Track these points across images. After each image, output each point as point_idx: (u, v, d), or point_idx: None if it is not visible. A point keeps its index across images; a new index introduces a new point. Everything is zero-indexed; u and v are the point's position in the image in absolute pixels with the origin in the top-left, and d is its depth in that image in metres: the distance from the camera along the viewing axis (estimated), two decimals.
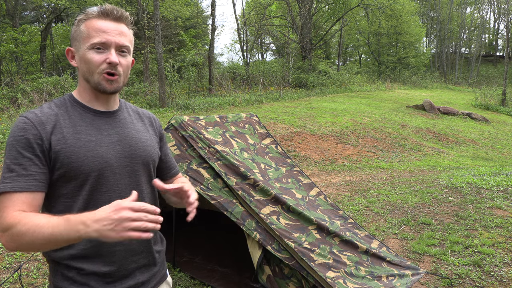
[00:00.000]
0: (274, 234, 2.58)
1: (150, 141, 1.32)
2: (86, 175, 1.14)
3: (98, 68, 1.16)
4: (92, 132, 1.18)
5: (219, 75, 19.73)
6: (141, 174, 1.26)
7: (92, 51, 1.15)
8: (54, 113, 1.16)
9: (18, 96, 12.09)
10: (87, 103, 1.22)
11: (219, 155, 2.88)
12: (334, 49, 35.63)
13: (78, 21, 1.19)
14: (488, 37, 45.36)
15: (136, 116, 1.35)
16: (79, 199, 1.14)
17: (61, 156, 1.11)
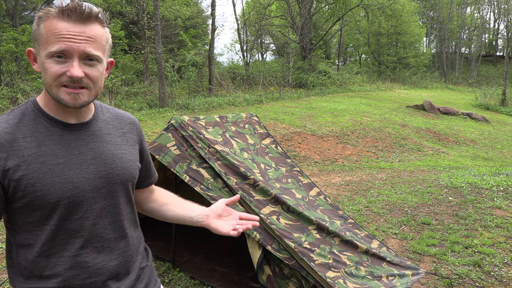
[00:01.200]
0: (274, 234, 2.58)
1: (129, 154, 1.14)
2: (54, 204, 0.97)
3: (56, 80, 0.95)
4: (60, 153, 0.99)
5: (219, 75, 19.74)
6: (119, 194, 1.10)
7: (51, 60, 0.94)
8: (11, 130, 0.96)
9: (18, 96, 12.09)
10: (55, 115, 1.02)
11: (219, 155, 2.88)
12: (334, 49, 35.64)
13: (38, 19, 0.96)
14: (488, 37, 45.36)
15: (115, 124, 1.16)
16: (46, 229, 0.99)
17: (23, 184, 0.94)
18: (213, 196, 2.72)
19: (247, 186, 2.79)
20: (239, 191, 2.72)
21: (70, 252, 1.01)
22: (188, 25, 25.08)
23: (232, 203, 1.27)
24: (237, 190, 2.72)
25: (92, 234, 1.04)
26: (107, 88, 12.73)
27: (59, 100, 0.97)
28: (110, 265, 1.06)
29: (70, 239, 1.01)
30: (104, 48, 1.01)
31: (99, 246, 1.05)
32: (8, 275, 1.06)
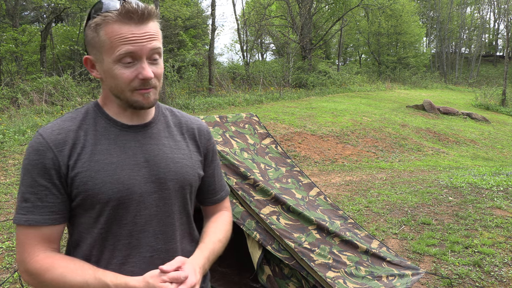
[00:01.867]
0: (274, 234, 2.58)
1: (187, 160, 1.08)
2: (103, 205, 0.97)
3: (129, 85, 0.96)
4: (113, 152, 0.99)
5: (219, 75, 19.74)
6: (172, 202, 1.04)
7: (120, 66, 0.94)
8: (75, 128, 0.99)
9: (18, 96, 12.09)
10: (114, 115, 1.03)
11: (219, 155, 2.88)
12: (334, 49, 35.63)
13: (96, 25, 0.95)
14: (488, 37, 45.37)
15: (176, 127, 1.11)
16: (94, 233, 0.99)
17: (77, 182, 0.95)
18: None
19: (247, 186, 2.79)
20: (239, 191, 2.72)
21: (118, 260, 0.99)
22: (188, 25, 25.08)
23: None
24: (237, 190, 2.72)
25: (140, 242, 1.00)
26: None
27: (133, 102, 0.98)
28: None
29: (118, 245, 0.99)
30: (161, 44, 1.01)
31: (148, 256, 1.01)
32: None
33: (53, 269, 0.92)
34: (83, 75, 16.38)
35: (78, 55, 19.46)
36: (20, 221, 0.94)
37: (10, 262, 3.51)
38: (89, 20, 0.97)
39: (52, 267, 0.92)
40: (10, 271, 3.35)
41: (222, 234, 1.18)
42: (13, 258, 3.61)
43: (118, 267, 0.99)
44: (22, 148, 7.63)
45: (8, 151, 7.39)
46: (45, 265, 0.92)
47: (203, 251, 1.07)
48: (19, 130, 8.58)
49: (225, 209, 1.29)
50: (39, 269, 0.92)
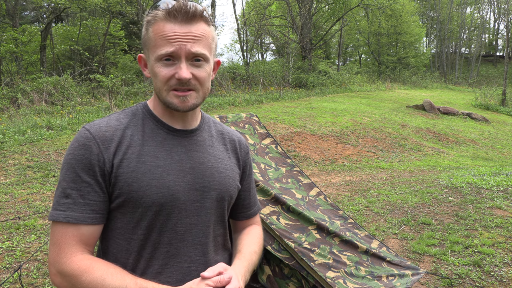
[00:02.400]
0: (274, 234, 2.58)
1: (230, 171, 1.07)
2: (145, 209, 0.93)
3: (166, 84, 0.94)
4: (160, 155, 0.96)
5: (219, 75, 19.74)
6: (212, 212, 1.02)
7: (160, 64, 0.93)
8: (122, 127, 0.96)
9: (18, 96, 12.10)
10: (162, 118, 1.01)
11: None
12: (334, 49, 35.64)
13: (147, 23, 0.95)
14: (488, 37, 45.38)
15: (218, 138, 1.11)
16: (132, 239, 0.95)
17: (121, 182, 0.92)
18: None
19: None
20: None
21: (154, 269, 0.96)
22: None
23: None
24: None
25: (179, 251, 0.97)
26: (107, 88, 12.73)
27: (168, 104, 0.96)
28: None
29: (156, 252, 0.96)
30: (210, 47, 0.97)
31: (185, 267, 0.98)
32: None
33: (92, 271, 0.87)
34: (83, 75, 16.39)
35: (78, 55, 19.47)
36: (58, 217, 0.89)
37: (10, 262, 3.51)
38: (144, 22, 0.97)
39: (91, 269, 0.87)
40: (10, 271, 3.35)
41: (257, 246, 1.15)
42: (13, 258, 3.61)
43: (154, 276, 0.95)
44: (22, 148, 7.63)
45: (8, 151, 7.39)
46: (83, 266, 0.87)
47: (242, 261, 1.04)
48: (19, 130, 8.58)
49: (257, 223, 1.26)
50: (77, 270, 0.87)
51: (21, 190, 5.68)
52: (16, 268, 3.28)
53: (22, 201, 5.25)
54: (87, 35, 20.60)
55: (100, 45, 19.72)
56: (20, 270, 3.22)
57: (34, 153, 7.38)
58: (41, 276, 3.28)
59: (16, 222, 4.42)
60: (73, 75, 15.93)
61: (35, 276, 3.26)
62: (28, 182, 6.07)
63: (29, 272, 3.33)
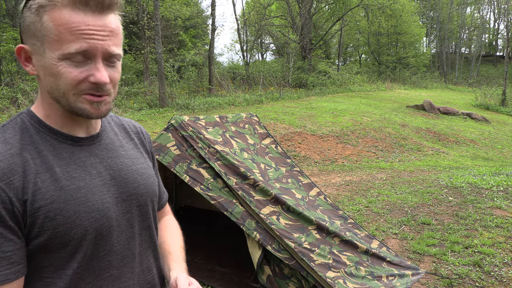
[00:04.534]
0: (274, 234, 2.58)
1: (148, 169, 0.96)
2: (78, 240, 0.78)
3: (75, 88, 0.76)
4: (76, 174, 0.80)
5: (219, 75, 19.74)
6: (144, 218, 0.92)
7: (66, 63, 0.74)
8: (17, 151, 0.76)
9: (18, 96, 12.10)
10: (61, 128, 0.82)
11: (219, 155, 2.88)
12: (334, 49, 35.65)
13: (39, 7, 0.73)
14: (488, 37, 45.38)
15: (123, 133, 0.97)
16: (67, 273, 0.79)
17: (40, 219, 0.75)
18: (213, 196, 2.72)
19: (247, 186, 2.79)
20: (239, 191, 2.72)
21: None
22: (188, 25, 25.09)
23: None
24: (237, 190, 2.72)
25: (121, 271, 0.86)
26: None
27: (78, 110, 0.78)
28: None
29: (98, 281, 0.83)
30: (121, 43, 0.81)
31: (130, 284, 0.89)
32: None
33: None
34: None
35: None
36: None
37: None
38: (28, 2, 0.76)
39: None
40: None
41: (181, 240, 1.10)
42: None
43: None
44: None
45: None
46: None
47: (179, 262, 0.99)
48: None
49: (169, 213, 1.18)
50: None
51: None
52: None
53: None
54: None
55: None
56: None
57: None
58: None
59: None
60: None
61: None
62: None
63: None
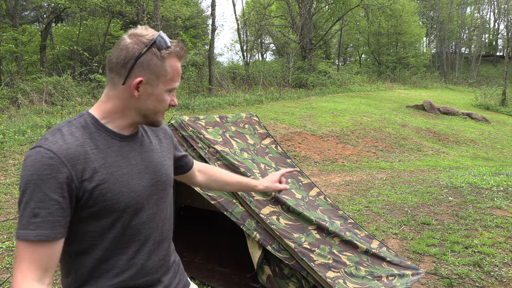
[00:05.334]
0: (274, 234, 2.58)
1: (169, 161, 1.26)
2: (120, 212, 1.06)
3: (164, 109, 1.13)
4: (122, 163, 1.08)
5: (219, 75, 19.74)
6: (164, 199, 1.21)
7: (167, 93, 1.09)
8: (80, 143, 1.02)
9: (18, 96, 12.09)
10: (114, 128, 1.10)
11: (219, 155, 2.88)
12: (334, 49, 35.63)
13: (164, 54, 1.05)
14: (488, 37, 45.38)
15: (150, 132, 1.25)
16: (108, 238, 1.06)
17: (95, 194, 1.01)
18: (213, 196, 2.72)
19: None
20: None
21: (128, 255, 1.10)
22: (188, 25, 25.08)
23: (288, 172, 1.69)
24: None
25: (146, 237, 1.14)
26: None
27: (155, 122, 1.13)
28: (159, 264, 1.19)
29: (129, 243, 1.10)
30: None
31: (151, 248, 1.16)
32: (63, 283, 1.11)
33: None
34: (83, 75, 16.38)
35: (78, 55, 19.46)
36: (29, 236, 0.93)
37: (10, 262, 3.51)
38: (154, 48, 1.05)
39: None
40: (10, 271, 3.35)
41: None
42: (13, 258, 3.61)
43: (127, 261, 1.10)
44: (22, 148, 7.63)
45: (8, 151, 7.39)
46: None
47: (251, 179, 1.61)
48: (19, 130, 8.58)
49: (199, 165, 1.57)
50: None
51: None
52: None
53: None
54: (87, 35, 20.59)
55: (100, 45, 19.71)
56: None
57: None
58: None
59: (16, 222, 4.42)
60: (73, 75, 15.92)
61: None
62: None
63: None
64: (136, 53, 1.03)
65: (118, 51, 1.05)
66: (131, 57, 1.03)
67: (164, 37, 1.06)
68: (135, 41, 1.04)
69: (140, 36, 1.05)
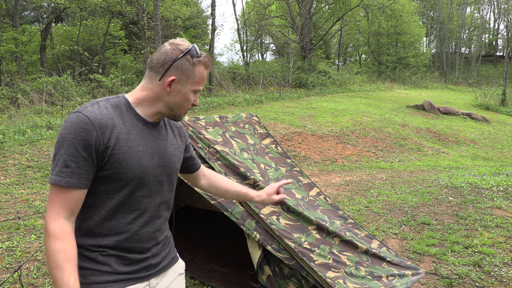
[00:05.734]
0: (274, 234, 2.58)
1: (178, 153, 1.47)
2: (128, 180, 1.26)
3: (187, 106, 1.35)
4: (140, 142, 1.30)
5: (219, 75, 19.73)
6: (168, 183, 1.41)
7: (192, 93, 1.32)
8: (111, 116, 1.25)
9: (18, 96, 12.09)
10: (140, 113, 1.33)
11: (219, 155, 2.88)
12: (334, 49, 35.63)
13: (196, 62, 1.30)
14: (488, 37, 45.37)
15: (168, 126, 1.47)
16: (115, 199, 1.27)
17: (113, 160, 1.22)
18: (213, 196, 2.72)
19: (247, 186, 2.79)
20: None
21: (127, 220, 1.30)
22: (188, 25, 25.07)
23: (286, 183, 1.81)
24: None
25: (145, 209, 1.34)
26: (107, 88, 12.73)
27: (177, 117, 1.36)
28: (151, 235, 1.37)
29: (130, 210, 1.30)
30: None
31: (147, 219, 1.35)
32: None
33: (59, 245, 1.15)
34: (83, 75, 16.38)
35: (78, 55, 19.47)
36: (60, 182, 1.16)
37: (10, 262, 3.51)
38: (188, 56, 1.29)
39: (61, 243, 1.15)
40: (10, 271, 3.35)
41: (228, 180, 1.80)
42: (13, 258, 3.61)
43: (125, 225, 1.30)
44: (22, 148, 7.63)
45: (8, 151, 7.39)
46: (61, 233, 1.16)
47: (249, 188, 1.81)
48: (19, 130, 8.58)
49: (205, 170, 1.78)
50: (56, 234, 1.15)
51: (21, 190, 5.68)
52: (16, 268, 3.28)
53: (22, 201, 5.25)
54: (87, 35, 20.58)
55: (100, 45, 19.71)
56: (20, 270, 3.22)
57: (34, 153, 7.38)
58: (41, 276, 3.28)
59: (16, 222, 4.42)
60: (73, 75, 15.92)
61: (35, 276, 3.26)
62: (28, 182, 6.07)
63: (29, 272, 3.33)
64: (173, 57, 1.27)
65: (159, 54, 1.29)
66: (169, 60, 1.27)
67: (197, 49, 1.31)
68: (174, 48, 1.28)
69: (178, 45, 1.29)
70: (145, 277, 1.36)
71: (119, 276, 1.29)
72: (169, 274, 1.46)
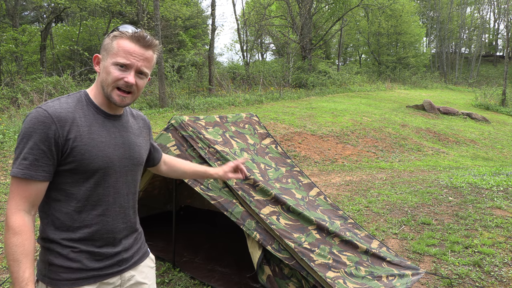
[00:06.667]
0: (274, 234, 2.58)
1: (144, 145, 1.51)
2: (93, 171, 1.30)
3: (114, 82, 1.30)
4: (102, 134, 1.33)
5: (219, 75, 19.73)
6: (134, 173, 1.46)
7: (114, 67, 1.30)
8: (72, 110, 1.28)
9: (18, 96, 12.09)
10: (100, 106, 1.36)
11: (219, 155, 2.88)
12: (334, 49, 35.62)
13: (113, 36, 1.32)
14: (488, 37, 45.35)
15: (132, 119, 1.51)
16: (82, 190, 1.30)
17: (75, 152, 1.26)
18: (213, 196, 2.72)
19: (247, 186, 2.79)
20: (239, 191, 2.72)
21: (97, 212, 1.33)
22: (188, 25, 25.06)
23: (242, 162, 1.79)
24: (237, 190, 2.72)
25: (114, 200, 1.37)
26: None
27: (109, 98, 1.32)
28: (122, 226, 1.41)
29: (99, 201, 1.33)
30: (151, 68, 1.39)
31: (118, 210, 1.39)
32: (40, 226, 1.33)
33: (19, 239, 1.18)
34: (83, 75, 16.37)
35: (78, 55, 19.46)
36: (17, 174, 1.20)
37: None
38: (111, 33, 1.34)
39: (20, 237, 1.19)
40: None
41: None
42: None
43: (97, 217, 1.33)
44: None
45: (8, 151, 7.39)
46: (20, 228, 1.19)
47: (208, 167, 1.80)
48: (19, 130, 8.57)
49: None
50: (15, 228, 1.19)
51: None
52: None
53: None
54: (87, 35, 20.57)
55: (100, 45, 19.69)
56: None
57: None
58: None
59: None
60: (73, 75, 15.92)
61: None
62: None
63: None
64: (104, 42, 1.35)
65: None
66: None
67: (120, 26, 1.34)
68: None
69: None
70: (117, 272, 1.39)
71: (91, 272, 1.32)
72: (140, 268, 1.49)
